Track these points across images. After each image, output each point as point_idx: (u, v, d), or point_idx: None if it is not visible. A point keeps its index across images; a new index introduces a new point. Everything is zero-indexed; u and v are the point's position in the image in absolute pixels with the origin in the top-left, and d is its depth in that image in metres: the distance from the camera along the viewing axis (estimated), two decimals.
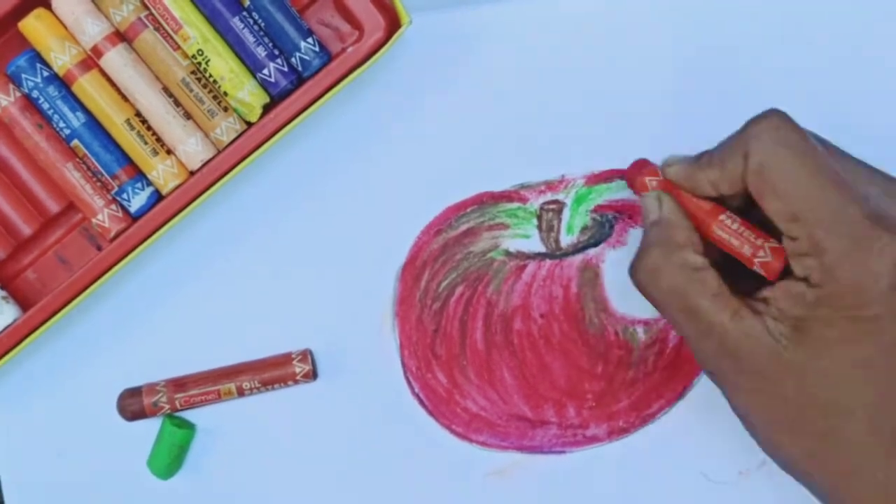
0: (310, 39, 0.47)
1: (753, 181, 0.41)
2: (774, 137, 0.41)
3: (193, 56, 0.47)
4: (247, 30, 0.47)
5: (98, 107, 0.47)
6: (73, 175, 0.47)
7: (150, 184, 0.48)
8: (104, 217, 0.47)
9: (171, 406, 0.50)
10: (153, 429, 0.50)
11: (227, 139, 0.47)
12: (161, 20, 0.47)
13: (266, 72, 0.47)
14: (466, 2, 0.50)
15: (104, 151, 0.47)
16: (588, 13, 0.50)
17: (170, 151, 0.47)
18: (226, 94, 0.47)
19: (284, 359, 0.50)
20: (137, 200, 0.47)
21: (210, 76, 0.47)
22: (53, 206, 0.48)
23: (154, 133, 0.47)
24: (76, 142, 0.47)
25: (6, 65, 0.47)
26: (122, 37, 0.47)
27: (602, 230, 0.50)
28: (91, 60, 0.47)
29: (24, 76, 0.47)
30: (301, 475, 0.51)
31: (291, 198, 0.50)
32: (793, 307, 0.40)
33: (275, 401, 0.51)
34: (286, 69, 0.47)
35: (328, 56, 0.47)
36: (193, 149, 0.47)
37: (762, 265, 0.43)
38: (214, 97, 0.47)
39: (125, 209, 0.48)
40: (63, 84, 0.47)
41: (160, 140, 0.47)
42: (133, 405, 0.50)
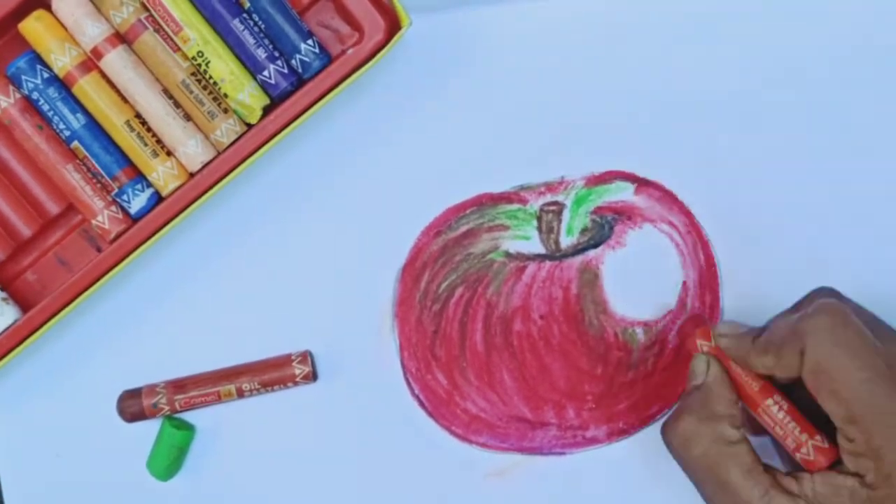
0: (310, 41, 0.47)
1: (810, 380, 0.41)
2: (832, 338, 0.41)
3: (193, 58, 0.47)
4: (247, 31, 0.47)
5: (98, 108, 0.47)
6: (73, 176, 0.47)
7: (150, 185, 0.48)
8: (104, 218, 0.47)
9: (171, 407, 0.50)
10: (153, 430, 0.50)
11: (228, 141, 0.47)
12: (161, 22, 0.47)
13: (266, 73, 0.47)
14: (466, 3, 0.50)
15: (104, 153, 0.47)
16: (588, 14, 0.50)
17: (170, 153, 0.47)
18: (226, 96, 0.47)
19: (284, 360, 0.50)
20: (137, 202, 0.47)
21: (210, 78, 0.47)
22: (53, 208, 0.48)
23: (154, 135, 0.47)
24: (76, 143, 0.47)
25: (6, 66, 0.47)
26: (123, 38, 0.47)
27: (602, 232, 0.50)
28: (91, 62, 0.47)
29: (25, 78, 0.47)
30: (301, 477, 0.51)
31: (291, 199, 0.50)
32: (833, 497, 0.41)
33: (275, 402, 0.51)
34: (286, 71, 0.47)
35: (328, 58, 0.47)
36: (193, 150, 0.47)
37: (803, 461, 0.43)
38: (214, 99, 0.47)
39: (125, 211, 0.48)
40: (63, 85, 0.47)
41: (160, 142, 0.47)
42: (133, 406, 0.50)
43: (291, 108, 0.47)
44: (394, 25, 0.47)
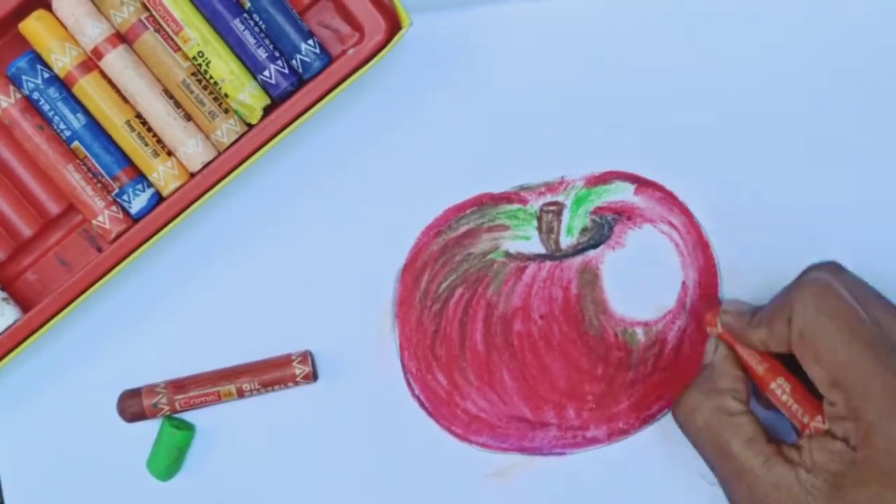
0: (310, 41, 0.47)
1: (797, 346, 0.42)
2: (817, 304, 0.42)
3: (194, 58, 0.47)
4: (247, 31, 0.47)
5: (98, 108, 0.47)
6: (74, 176, 0.47)
7: (151, 185, 0.48)
8: (105, 218, 0.47)
9: (171, 407, 0.50)
10: (153, 430, 0.50)
11: (228, 141, 0.47)
12: (162, 22, 0.47)
13: (267, 73, 0.47)
14: (466, 3, 0.50)
15: (105, 153, 0.47)
16: (588, 14, 0.50)
17: (170, 153, 0.47)
18: (226, 96, 0.47)
19: (284, 360, 0.50)
20: (138, 202, 0.47)
21: (211, 78, 0.47)
22: (54, 208, 0.48)
23: (155, 135, 0.47)
24: (77, 143, 0.47)
25: (7, 66, 0.47)
26: (123, 38, 0.47)
27: (601, 232, 0.50)
28: (91, 62, 0.47)
29: (25, 78, 0.47)
30: (301, 477, 0.51)
31: (292, 199, 0.50)
32: (829, 462, 0.41)
33: (275, 402, 0.51)
34: (287, 71, 0.47)
35: (329, 58, 0.47)
36: (194, 150, 0.47)
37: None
38: (215, 99, 0.47)
39: (126, 211, 0.48)
40: (63, 85, 0.47)
41: (161, 142, 0.47)
42: (133, 406, 0.50)
43: (292, 109, 0.47)
44: (394, 25, 0.47)
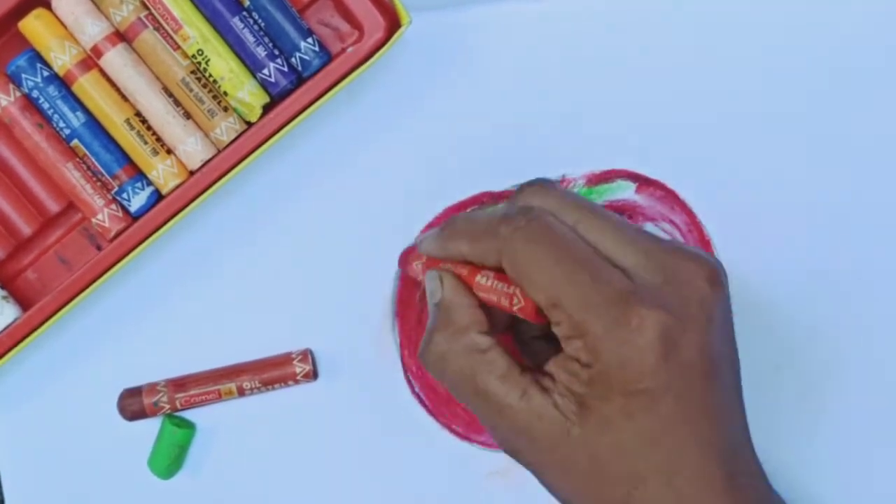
0: (310, 39, 0.47)
1: (511, 275, 0.41)
2: (523, 235, 0.41)
3: (193, 56, 0.47)
4: (247, 30, 0.47)
5: (98, 107, 0.47)
6: (73, 175, 0.47)
7: (150, 183, 0.48)
8: (104, 217, 0.47)
9: (172, 406, 0.50)
10: (153, 428, 0.50)
11: (227, 139, 0.47)
12: (161, 20, 0.47)
13: (266, 72, 0.47)
14: (466, 2, 0.49)
15: (104, 151, 0.47)
16: (588, 13, 0.50)
17: (170, 151, 0.47)
18: (226, 94, 0.47)
19: (285, 359, 0.50)
20: (137, 200, 0.47)
21: (210, 76, 0.47)
22: (53, 206, 0.48)
23: (154, 133, 0.47)
24: (76, 141, 0.47)
25: (6, 64, 0.47)
26: (122, 37, 0.47)
27: None
28: (91, 60, 0.47)
29: (24, 76, 0.47)
30: (302, 475, 0.51)
31: (291, 198, 0.50)
32: (572, 383, 0.40)
33: (275, 401, 0.51)
34: (286, 69, 0.47)
35: (328, 56, 0.47)
36: (193, 148, 0.47)
37: (520, 311, 0.42)
38: (214, 97, 0.47)
39: (125, 209, 0.48)
40: (63, 84, 0.47)
41: (160, 140, 0.47)
42: (133, 405, 0.50)
43: (291, 107, 0.47)
44: (394, 24, 0.47)
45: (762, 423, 0.48)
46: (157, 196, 0.48)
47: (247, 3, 0.47)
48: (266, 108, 0.47)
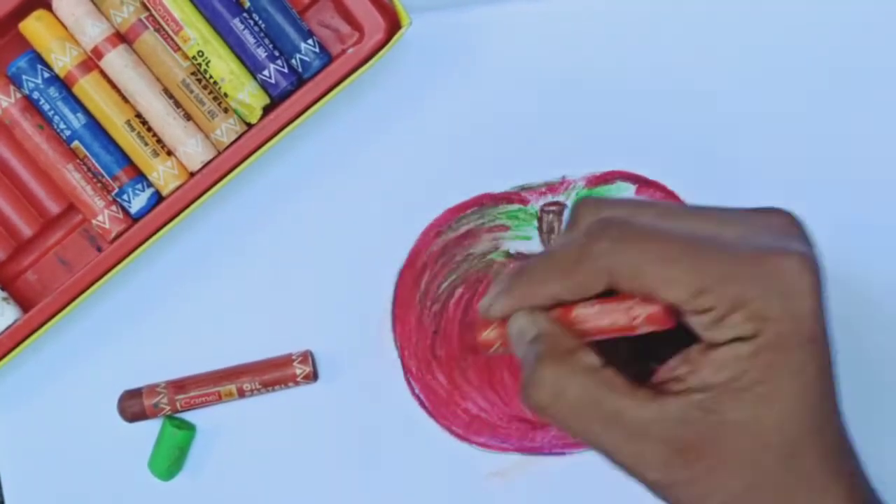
0: (310, 41, 0.47)
1: (631, 287, 0.37)
2: (629, 241, 0.37)
3: (194, 57, 0.47)
4: (247, 31, 0.47)
5: (98, 108, 0.47)
6: (74, 176, 0.47)
7: (151, 185, 0.48)
8: (104, 218, 0.47)
9: (172, 407, 0.50)
10: (153, 430, 0.50)
11: (228, 140, 0.47)
12: (161, 21, 0.47)
13: (266, 73, 0.47)
14: (466, 2, 0.49)
15: (104, 152, 0.47)
16: (588, 13, 0.50)
17: (170, 153, 0.47)
18: (226, 96, 0.47)
19: (285, 360, 0.50)
20: (138, 202, 0.47)
21: (210, 77, 0.47)
22: (54, 208, 0.48)
23: (154, 134, 0.47)
24: (77, 143, 0.47)
25: (7, 66, 0.47)
26: (123, 38, 0.47)
27: None
28: (91, 62, 0.47)
29: (25, 77, 0.47)
30: (302, 476, 0.51)
31: (291, 199, 0.50)
32: (721, 371, 0.37)
33: (275, 402, 0.51)
34: (286, 70, 0.47)
35: (328, 57, 0.47)
36: (194, 150, 0.47)
37: (647, 320, 0.37)
38: (215, 98, 0.47)
39: (125, 210, 0.48)
40: (64, 85, 0.47)
41: (160, 141, 0.47)
42: (133, 406, 0.50)
43: (291, 108, 0.47)
44: (394, 25, 0.47)
45: None
46: (158, 197, 0.48)
47: (247, 5, 0.47)
48: (266, 110, 0.47)
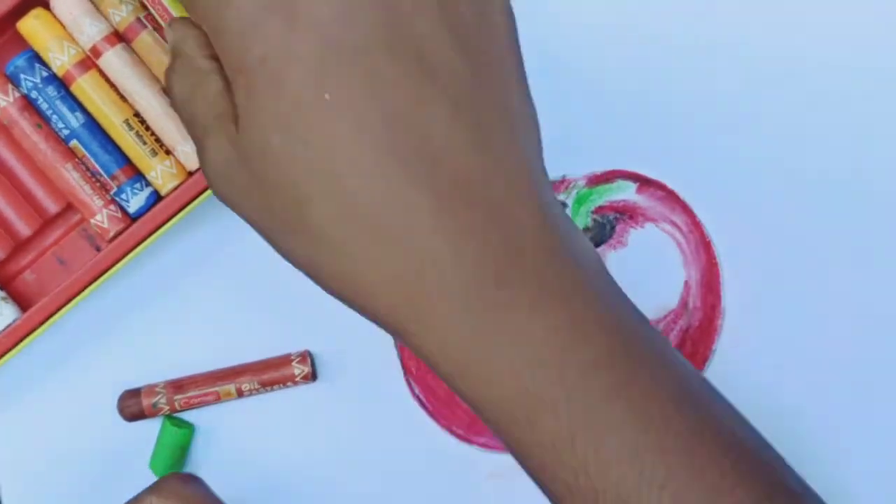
0: None
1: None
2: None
3: None
4: None
5: (97, 107, 0.47)
6: (72, 175, 0.47)
7: (149, 184, 0.48)
8: (103, 217, 0.47)
9: (171, 407, 0.50)
10: (152, 429, 0.50)
11: None
12: (160, 21, 0.47)
13: None
14: None
15: (103, 152, 0.47)
16: (588, 13, 0.50)
17: (168, 152, 0.47)
18: None
19: (284, 360, 0.50)
20: (136, 201, 0.47)
21: None
22: (52, 207, 0.48)
23: (153, 133, 0.47)
24: (75, 142, 0.47)
25: (5, 65, 0.47)
26: (121, 37, 0.47)
27: (603, 231, 0.50)
28: (90, 60, 0.47)
29: (23, 76, 0.46)
30: (301, 476, 0.51)
31: None
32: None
33: (274, 402, 0.51)
34: None
35: None
36: (192, 149, 0.47)
37: None
38: None
39: (124, 210, 0.48)
40: (62, 84, 0.47)
41: (159, 140, 0.47)
42: (132, 406, 0.50)
43: None
44: None
45: (761, 424, 0.48)
46: (156, 197, 0.48)
47: None
48: None
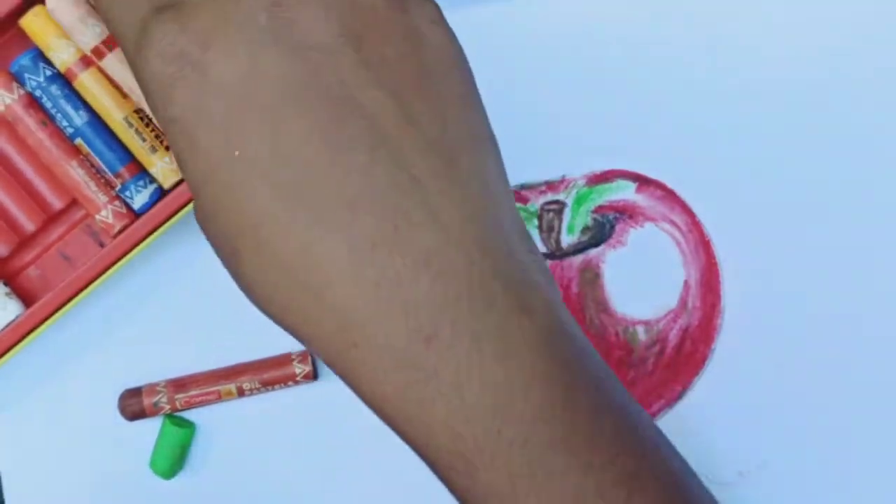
0: None
1: None
2: None
3: None
4: None
5: (98, 103, 0.47)
6: (77, 172, 0.48)
7: (153, 181, 0.48)
8: (107, 214, 0.48)
9: (172, 406, 0.50)
10: (153, 428, 0.50)
11: None
12: None
13: None
14: (464, 3, 0.50)
15: (107, 150, 0.47)
16: (589, 13, 0.50)
17: (168, 148, 0.48)
18: None
19: (285, 359, 0.50)
20: (140, 198, 0.48)
21: None
22: (57, 203, 0.49)
23: (153, 130, 0.48)
24: (79, 140, 0.47)
25: (9, 63, 0.47)
26: None
27: (603, 231, 0.50)
28: (91, 57, 0.47)
29: (27, 75, 0.47)
30: (302, 475, 0.51)
31: None
32: None
33: (275, 401, 0.51)
34: None
35: None
36: None
37: None
38: None
39: (128, 206, 0.48)
40: (66, 82, 0.47)
41: (159, 137, 0.48)
42: (133, 405, 0.50)
43: None
44: None
45: (761, 423, 0.48)
46: (161, 193, 0.48)
47: None
48: None
